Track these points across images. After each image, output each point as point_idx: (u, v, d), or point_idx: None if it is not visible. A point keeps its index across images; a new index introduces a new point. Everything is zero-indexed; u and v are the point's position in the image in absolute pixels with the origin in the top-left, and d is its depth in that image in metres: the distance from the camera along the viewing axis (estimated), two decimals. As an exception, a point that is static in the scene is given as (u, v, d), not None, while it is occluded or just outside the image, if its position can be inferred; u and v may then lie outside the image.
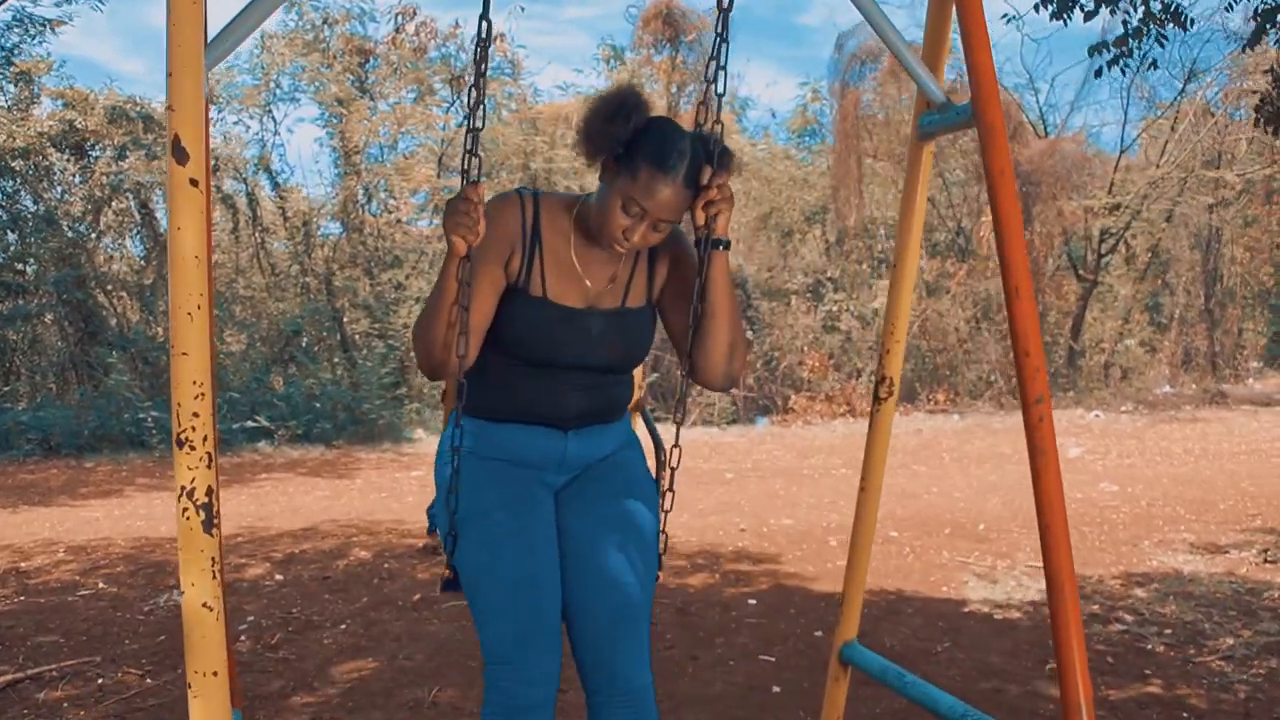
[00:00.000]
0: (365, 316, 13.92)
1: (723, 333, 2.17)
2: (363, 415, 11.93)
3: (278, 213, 14.80)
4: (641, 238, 2.07)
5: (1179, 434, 11.64)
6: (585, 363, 2.20)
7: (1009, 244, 2.31)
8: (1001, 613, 4.88)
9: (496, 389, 2.21)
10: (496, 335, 2.14)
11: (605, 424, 2.32)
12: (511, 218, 2.14)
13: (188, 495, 1.64)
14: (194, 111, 1.64)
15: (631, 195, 2.01)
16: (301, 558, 5.98)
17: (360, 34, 14.64)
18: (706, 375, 2.19)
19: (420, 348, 2.08)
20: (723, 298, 2.15)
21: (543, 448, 2.23)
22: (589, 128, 2.07)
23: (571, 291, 2.19)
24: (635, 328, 2.26)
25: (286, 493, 8.51)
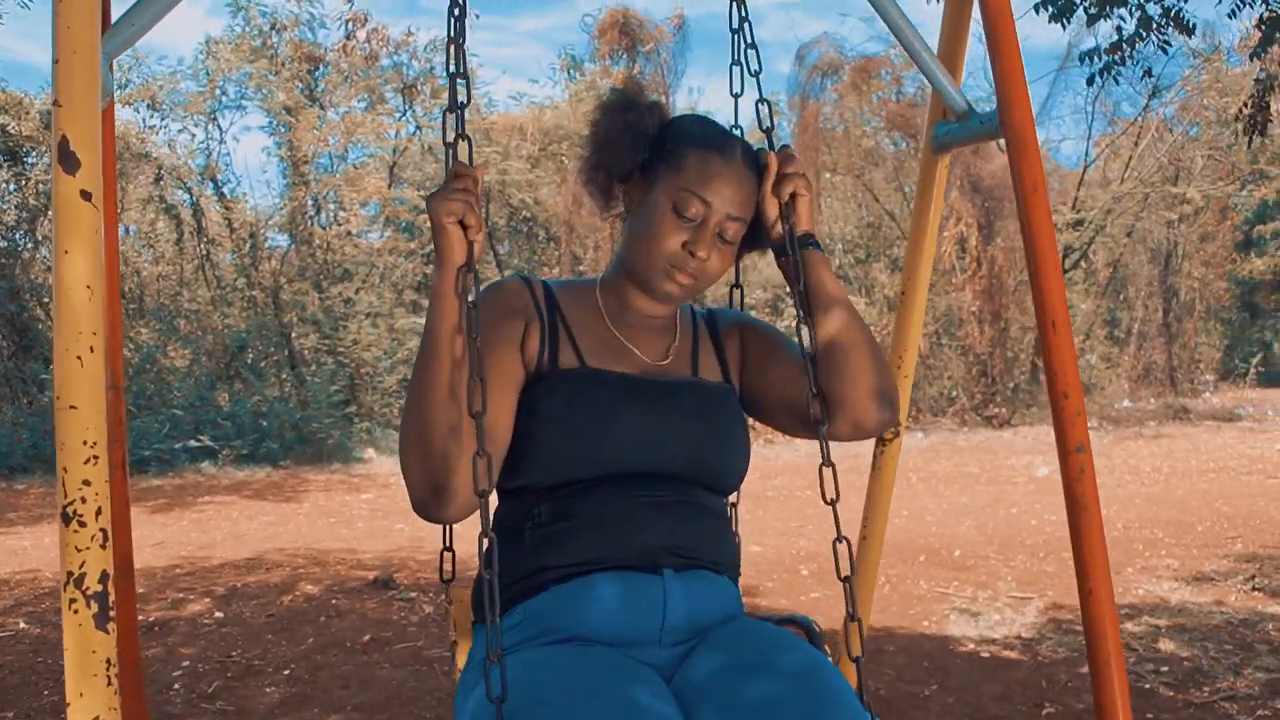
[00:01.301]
0: (314, 332, 13.49)
1: (855, 337, 1.56)
2: (311, 434, 11.50)
3: (224, 224, 14.33)
4: (708, 250, 1.55)
5: (1146, 451, 11.54)
6: (659, 459, 1.53)
7: (1043, 270, 2.04)
8: (989, 650, 4.62)
9: (536, 544, 1.50)
10: (522, 449, 1.50)
11: (714, 573, 1.58)
12: (517, 295, 1.60)
13: (76, 583, 1.31)
14: (87, 108, 1.31)
15: (683, 187, 1.54)
16: (244, 592, 5.60)
17: (309, 41, 14.24)
18: (854, 407, 1.54)
19: (414, 443, 1.39)
20: (840, 299, 1.59)
21: (633, 603, 1.47)
22: (605, 135, 1.63)
23: (619, 361, 1.60)
24: (719, 407, 1.62)
25: (230, 518, 8.09)
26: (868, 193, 17.35)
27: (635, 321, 1.66)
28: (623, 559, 1.48)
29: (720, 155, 1.56)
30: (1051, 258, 2.05)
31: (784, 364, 1.64)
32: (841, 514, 1.56)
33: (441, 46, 15.28)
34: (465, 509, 1.40)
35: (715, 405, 1.62)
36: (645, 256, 1.56)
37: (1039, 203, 2.05)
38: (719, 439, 1.60)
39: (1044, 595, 5.50)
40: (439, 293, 1.40)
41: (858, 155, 16.29)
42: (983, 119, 2.19)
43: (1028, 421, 14.03)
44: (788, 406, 1.63)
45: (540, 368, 1.55)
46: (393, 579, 5.66)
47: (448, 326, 1.39)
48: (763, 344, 1.70)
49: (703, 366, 1.68)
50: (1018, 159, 2.06)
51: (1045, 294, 2.03)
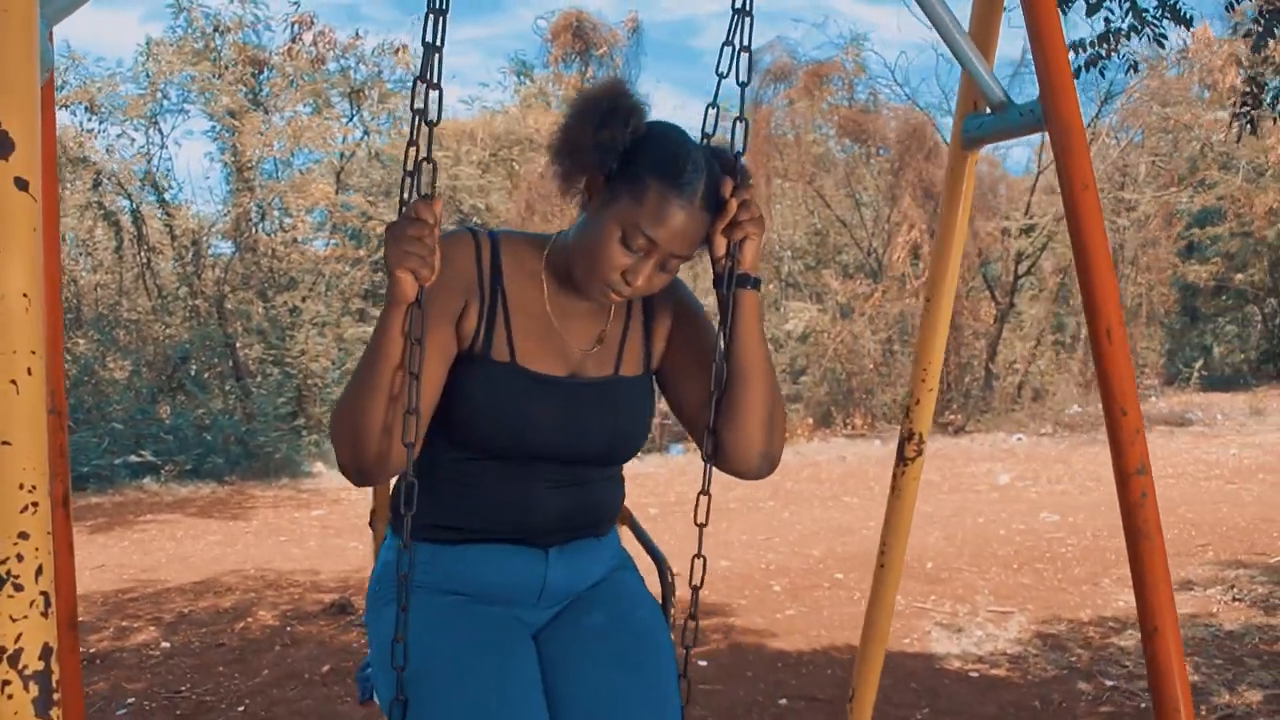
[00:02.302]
0: (259, 342, 13.08)
1: (758, 400, 1.66)
2: (258, 448, 11.11)
3: (165, 231, 13.85)
4: (646, 281, 1.61)
5: (1104, 457, 11.35)
6: (569, 451, 1.70)
7: (1096, 274, 1.86)
8: (977, 669, 4.47)
9: (447, 497, 1.69)
10: (446, 419, 1.64)
11: (595, 539, 1.80)
12: (463, 261, 1.65)
13: (10, 661, 1.06)
14: (22, 81, 1.07)
15: (635, 223, 1.55)
16: (194, 619, 5.29)
17: (254, 43, 13.83)
18: (739, 458, 1.67)
19: (345, 437, 1.54)
20: (756, 354, 1.67)
21: (516, 575, 1.71)
22: (572, 138, 1.61)
23: (548, 355, 1.70)
24: (633, 402, 1.76)
25: (175, 538, 7.73)
26: (818, 199, 17.29)
27: (571, 305, 1.72)
28: (512, 534, 1.69)
29: (679, 195, 1.56)
30: (1104, 261, 1.87)
31: (698, 376, 1.73)
32: (800, 521, 1.52)
33: (390, 51, 14.98)
34: (387, 478, 1.66)
35: (628, 402, 1.74)
36: (586, 269, 1.62)
37: (1089, 201, 1.87)
38: (622, 430, 1.74)
39: (1024, 609, 5.37)
40: (385, 327, 1.50)
41: (808, 161, 16.21)
42: (1022, 111, 2.00)
43: (983, 428, 14.00)
44: (686, 417, 1.77)
45: (474, 348, 1.64)
46: (351, 603, 5.38)
47: (388, 359, 1.50)
48: (689, 343, 1.78)
49: (626, 359, 1.76)
50: (1065, 155, 1.88)
51: (1099, 300, 1.85)
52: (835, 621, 5.20)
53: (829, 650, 4.73)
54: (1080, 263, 1.87)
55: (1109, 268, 1.88)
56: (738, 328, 1.65)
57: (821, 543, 7.26)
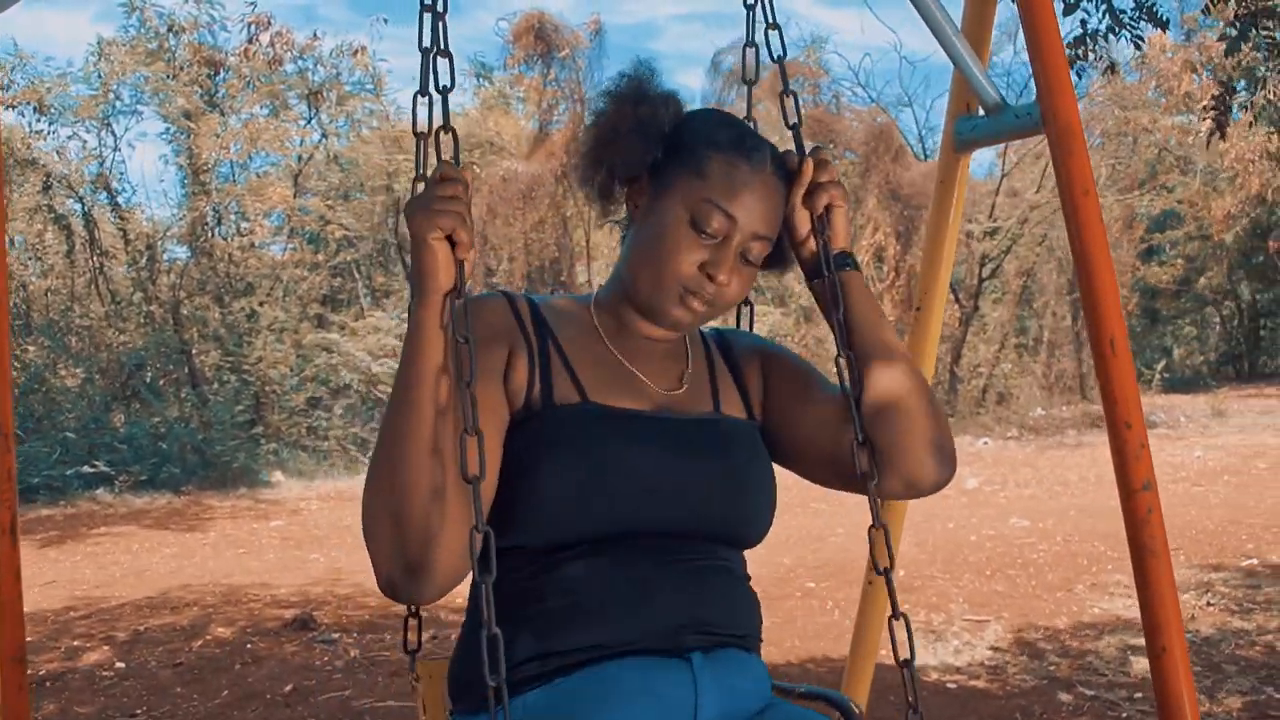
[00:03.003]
0: (216, 348, 12.84)
1: (907, 380, 1.33)
2: (215, 458, 10.89)
3: (118, 235, 13.57)
4: (729, 274, 1.31)
5: (1071, 461, 11.59)
6: (676, 515, 1.29)
7: (1098, 283, 1.78)
8: (955, 680, 4.41)
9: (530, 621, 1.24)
10: (509, 508, 1.23)
11: (743, 651, 1.34)
12: (500, 313, 1.34)
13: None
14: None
15: (706, 197, 1.29)
16: (149, 637, 5.11)
17: (209, 44, 13.61)
18: (909, 461, 1.31)
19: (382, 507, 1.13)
20: (886, 332, 1.37)
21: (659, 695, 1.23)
22: (607, 126, 1.38)
23: (627, 393, 1.34)
24: (746, 449, 1.37)
25: (130, 550, 7.53)
26: (783, 201, 17.23)
27: (639, 346, 1.40)
28: (641, 641, 1.24)
29: (748, 162, 1.32)
30: (1106, 269, 1.79)
31: (817, 403, 1.39)
32: (791, 528, 1.33)
33: (348, 53, 14.79)
34: (443, 587, 1.14)
35: (742, 446, 1.37)
36: (654, 275, 1.32)
37: (1090, 208, 1.79)
38: (746, 487, 1.35)
39: (999, 617, 5.32)
40: (420, 325, 1.16)
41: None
42: (1018, 113, 1.93)
43: (950, 432, 14.05)
44: (822, 455, 1.38)
45: (530, 403, 1.28)
46: (312, 618, 5.24)
47: (430, 367, 1.15)
48: (789, 376, 1.45)
49: (724, 399, 1.42)
50: (1065, 158, 1.80)
51: (1101, 310, 1.77)
52: (810, 632, 5.12)
53: (805, 662, 4.66)
54: (1082, 271, 1.80)
55: (1111, 275, 1.80)
56: (857, 312, 1.36)
57: (791, 551, 7.18)
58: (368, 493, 1.15)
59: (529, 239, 14.90)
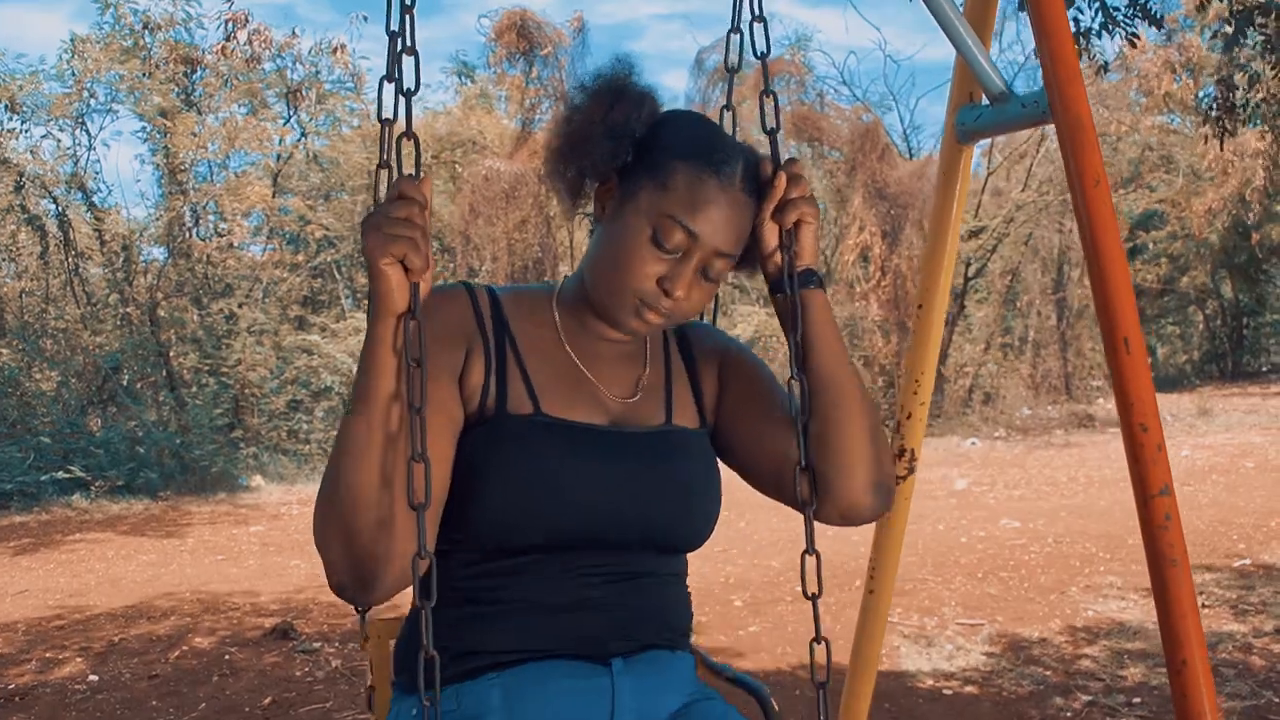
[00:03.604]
0: (194, 351, 12.66)
1: (856, 415, 1.32)
2: (193, 462, 10.72)
3: (94, 236, 13.37)
4: (687, 290, 1.30)
5: (1059, 461, 11.54)
6: (620, 527, 1.31)
7: (1111, 279, 1.69)
8: (949, 686, 4.33)
9: (468, 617, 1.30)
10: (458, 510, 1.26)
11: (668, 650, 1.39)
12: (457, 310, 1.34)
13: None
14: None
15: (668, 213, 1.27)
16: (124, 648, 4.98)
17: (185, 41, 13.41)
18: (846, 494, 1.31)
19: (333, 519, 1.16)
20: (842, 362, 1.35)
21: (576, 701, 1.29)
22: (578, 127, 1.34)
23: (580, 404, 1.35)
24: (695, 460, 1.39)
25: (105, 558, 7.38)
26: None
27: (597, 349, 1.40)
28: (566, 647, 1.30)
29: (717, 177, 1.30)
30: (1119, 264, 1.71)
31: (769, 420, 1.39)
32: (756, 531, 1.34)
33: (328, 51, 14.63)
34: (391, 593, 1.20)
35: (689, 458, 1.39)
36: (611, 286, 1.31)
37: (1102, 199, 1.70)
38: (691, 500, 1.37)
39: (993, 621, 5.25)
40: (374, 345, 1.15)
41: (756, 163, 16.09)
42: (1025, 102, 1.83)
43: (935, 432, 13.96)
44: (766, 471, 1.39)
45: (484, 407, 1.30)
46: (293, 627, 5.12)
47: (383, 390, 1.15)
48: (746, 386, 1.45)
49: (677, 407, 1.43)
50: (1076, 149, 1.71)
51: (1114, 307, 1.68)
52: (800, 637, 5.03)
53: (796, 670, 4.57)
54: (1093, 266, 1.71)
55: (1124, 271, 1.71)
56: (814, 335, 1.33)
57: (780, 553, 7.11)
58: (318, 509, 1.17)
59: (512, 239, 14.78)
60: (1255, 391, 19.57)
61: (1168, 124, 16.78)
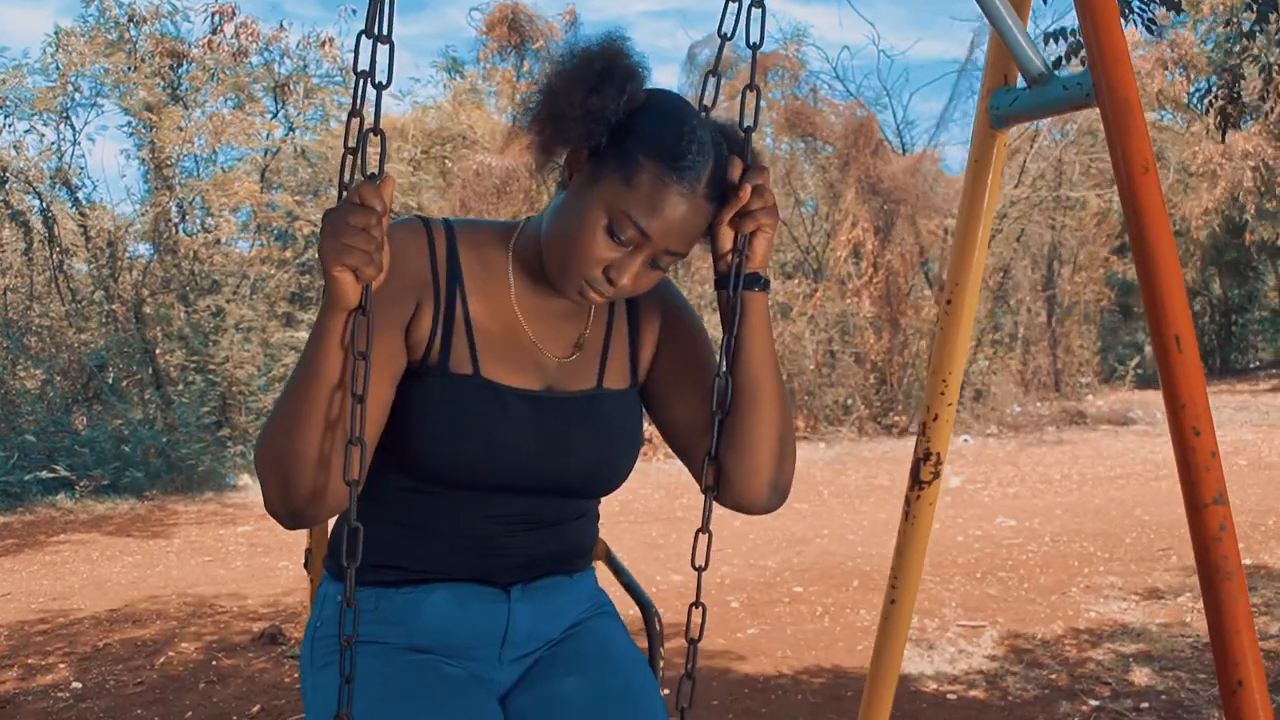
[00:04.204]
0: (181, 348, 12.47)
1: (768, 422, 1.44)
2: (179, 461, 10.55)
3: (79, 232, 13.16)
4: (632, 280, 1.37)
5: (1052, 458, 11.47)
6: (543, 482, 1.46)
7: (1162, 273, 1.60)
8: (953, 690, 4.24)
9: (393, 534, 1.46)
10: (393, 444, 1.40)
11: (566, 575, 1.58)
12: (413, 255, 1.41)
13: None
14: None
15: (625, 210, 1.32)
16: (109, 654, 4.85)
17: (171, 35, 13.21)
18: (745, 491, 1.46)
19: (273, 472, 1.29)
20: (766, 367, 1.44)
21: (474, 622, 1.49)
22: (556, 103, 1.35)
23: (519, 366, 1.46)
24: (620, 421, 1.53)
25: (90, 559, 7.23)
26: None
27: (543, 305, 1.49)
28: (472, 574, 1.47)
29: (680, 181, 1.32)
30: (1169, 256, 1.61)
31: (692, 398, 1.51)
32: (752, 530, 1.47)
33: (316, 44, 14.48)
34: (321, 521, 1.37)
35: (613, 421, 1.51)
36: (560, 261, 1.38)
37: (1151, 188, 1.61)
38: (609, 457, 1.51)
39: (995, 622, 5.16)
40: (321, 342, 1.25)
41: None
42: (1067, 84, 1.74)
43: (928, 429, 13.91)
44: (679, 440, 1.53)
45: (427, 361, 1.41)
46: (282, 631, 5.00)
47: (327, 362, 1.26)
48: (680, 358, 1.55)
49: (610, 368, 1.53)
50: (1123, 134, 1.61)
51: (1165, 303, 1.58)
52: (800, 640, 4.94)
53: (798, 674, 4.47)
54: (1142, 259, 1.61)
55: (1175, 264, 1.62)
56: (745, 336, 1.42)
57: (776, 553, 7.01)
58: (261, 453, 1.29)
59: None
60: (1244, 389, 19.59)
61: (1159, 120, 16.72)
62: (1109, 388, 18.82)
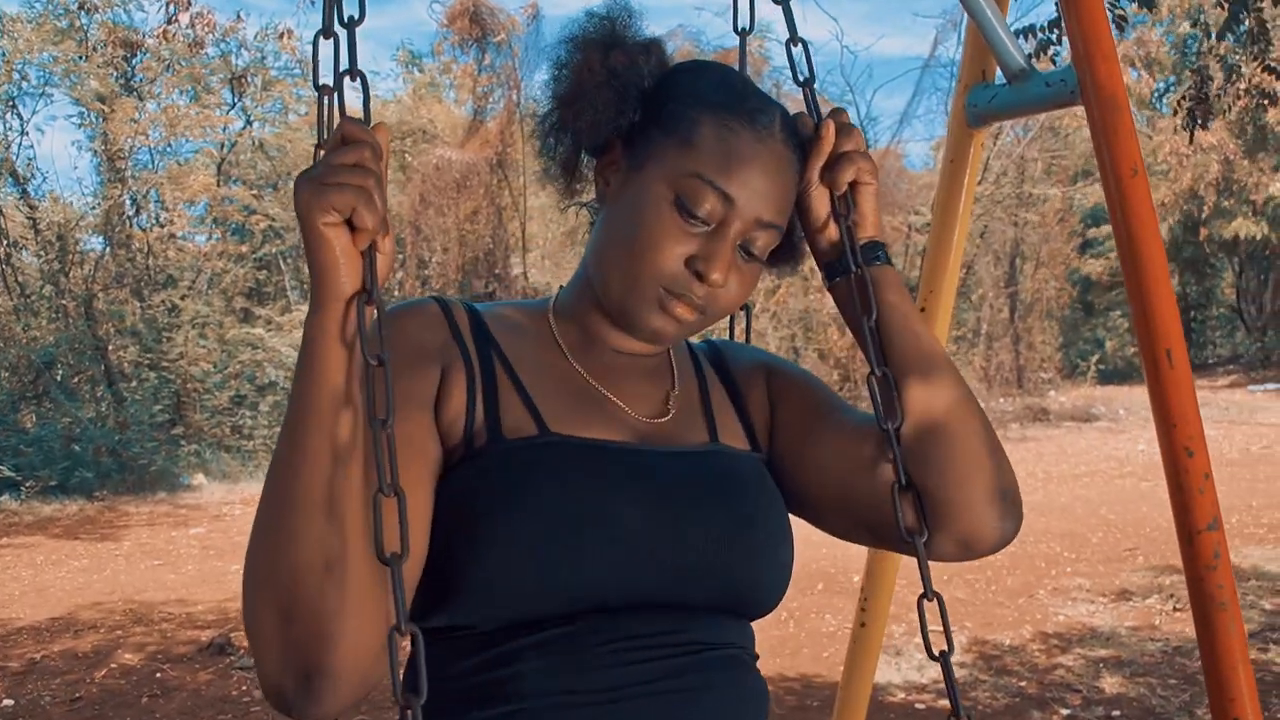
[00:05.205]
0: (134, 344, 12.21)
1: (962, 407, 1.03)
2: (131, 460, 10.31)
3: (28, 224, 12.86)
4: (725, 271, 0.99)
5: (1016, 456, 11.43)
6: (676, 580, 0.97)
7: (1151, 281, 1.48)
8: (922, 700, 4.16)
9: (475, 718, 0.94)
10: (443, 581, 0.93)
11: None
12: (428, 326, 1.02)
13: None
14: None
15: (695, 171, 0.98)
16: (46, 667, 4.66)
17: (124, 23, 12.93)
18: (968, 511, 1.00)
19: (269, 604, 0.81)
20: (934, 348, 1.06)
21: None
22: (576, 85, 1.05)
23: (598, 424, 1.03)
24: (758, 488, 1.05)
25: (33, 564, 7.01)
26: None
27: (612, 364, 1.08)
28: None
29: (752, 128, 1.01)
30: (1159, 265, 1.49)
31: (841, 434, 1.07)
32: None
33: (274, 36, 14.22)
34: (351, 698, 0.84)
35: (749, 485, 1.04)
36: (628, 273, 1.01)
37: (1140, 191, 1.49)
38: (758, 538, 1.02)
39: (963, 627, 5.09)
40: (316, 343, 0.83)
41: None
42: (1050, 81, 1.62)
43: (893, 427, 13.90)
44: (849, 501, 1.06)
45: (471, 436, 0.96)
46: (230, 641, 4.83)
47: (329, 401, 0.82)
48: (802, 400, 1.13)
49: (721, 426, 1.10)
50: (1110, 134, 1.50)
51: (1155, 314, 1.47)
52: (763, 646, 4.78)
53: (798, 683, 4.38)
54: (1130, 267, 1.49)
55: (1164, 273, 1.50)
56: (894, 319, 1.05)
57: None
58: (247, 577, 0.83)
59: (463, 229, 14.47)
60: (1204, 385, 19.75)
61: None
62: (1071, 383, 18.92)
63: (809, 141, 1.08)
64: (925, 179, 16.87)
